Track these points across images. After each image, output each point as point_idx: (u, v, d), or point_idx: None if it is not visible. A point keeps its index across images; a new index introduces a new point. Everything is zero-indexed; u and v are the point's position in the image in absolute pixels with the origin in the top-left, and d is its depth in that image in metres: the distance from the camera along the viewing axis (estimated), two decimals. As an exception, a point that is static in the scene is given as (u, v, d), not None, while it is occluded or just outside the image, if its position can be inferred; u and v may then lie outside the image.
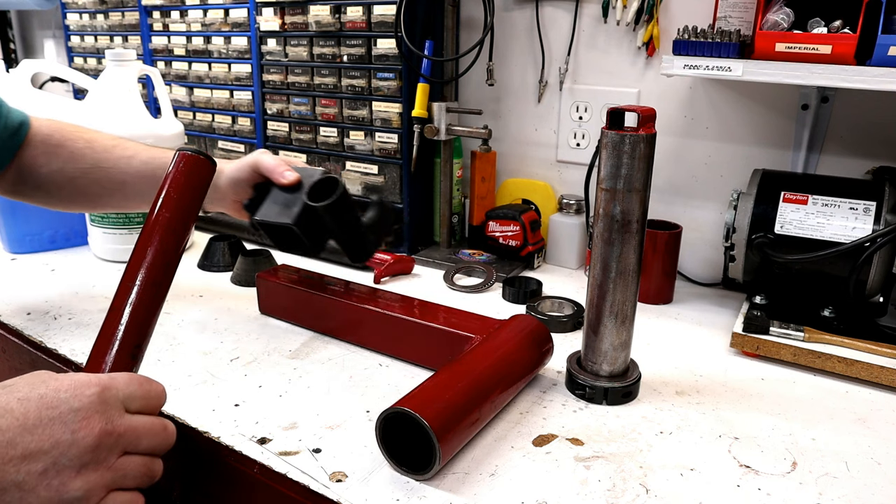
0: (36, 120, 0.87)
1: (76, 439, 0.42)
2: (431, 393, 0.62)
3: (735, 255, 0.91)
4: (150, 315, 0.60)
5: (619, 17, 1.10)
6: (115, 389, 0.46)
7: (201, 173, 0.68)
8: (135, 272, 0.60)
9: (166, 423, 0.50)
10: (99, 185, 0.86)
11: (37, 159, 0.85)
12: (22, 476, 0.40)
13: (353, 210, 0.82)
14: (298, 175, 0.82)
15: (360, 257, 0.87)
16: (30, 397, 0.42)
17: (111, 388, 0.46)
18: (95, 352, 0.56)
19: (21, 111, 0.86)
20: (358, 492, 0.58)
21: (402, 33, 1.08)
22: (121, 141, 0.88)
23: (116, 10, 1.57)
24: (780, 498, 0.58)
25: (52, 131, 0.86)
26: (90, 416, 0.43)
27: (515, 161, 1.29)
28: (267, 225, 0.82)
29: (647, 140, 0.67)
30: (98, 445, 0.43)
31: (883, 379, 0.77)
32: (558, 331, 0.90)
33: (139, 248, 0.62)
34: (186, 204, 0.66)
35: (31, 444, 0.41)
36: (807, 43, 0.80)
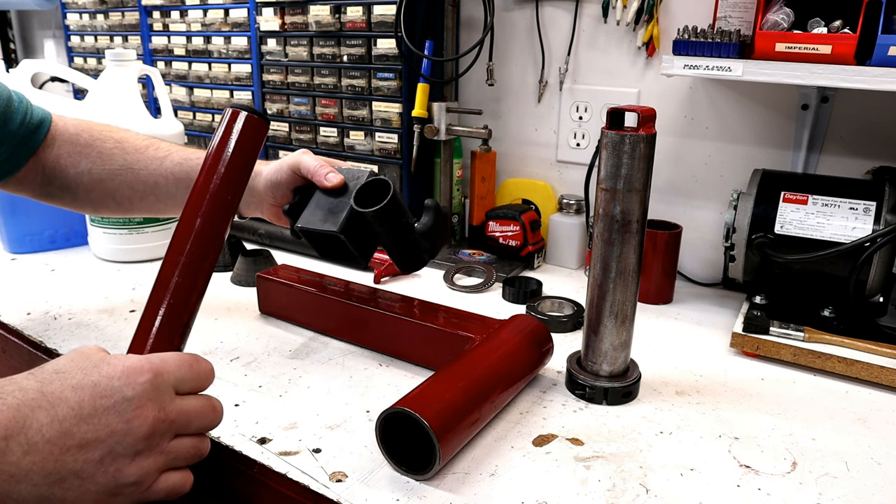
0: (61, 119, 0.84)
1: (131, 428, 0.43)
2: (431, 393, 0.62)
3: (735, 255, 0.91)
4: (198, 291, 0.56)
5: (619, 17, 1.10)
6: (167, 374, 0.46)
7: (254, 133, 0.61)
8: (181, 245, 0.55)
9: (214, 403, 0.50)
10: (129, 187, 0.82)
11: (63, 159, 0.82)
12: (80, 465, 0.41)
13: (405, 215, 0.75)
14: (343, 177, 0.76)
15: (411, 267, 0.80)
16: (83, 385, 0.42)
17: (163, 373, 0.46)
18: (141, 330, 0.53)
19: (44, 109, 0.83)
20: (358, 492, 0.58)
21: (402, 33, 1.08)
22: (153, 141, 0.85)
23: (116, 10, 1.57)
24: (780, 498, 0.58)
25: (79, 131, 0.83)
26: (143, 404, 0.44)
27: (515, 161, 1.29)
28: (310, 233, 0.75)
29: (647, 140, 0.67)
30: (152, 433, 0.44)
31: (883, 379, 0.77)
32: (558, 331, 0.90)
33: (186, 219, 0.56)
34: (237, 168, 0.58)
35: (88, 433, 0.41)
36: (807, 43, 0.80)
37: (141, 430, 0.43)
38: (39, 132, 0.81)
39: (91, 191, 0.83)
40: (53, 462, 0.40)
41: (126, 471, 0.43)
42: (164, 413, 0.45)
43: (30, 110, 0.81)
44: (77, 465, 0.41)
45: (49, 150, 0.82)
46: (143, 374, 0.45)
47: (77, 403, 0.42)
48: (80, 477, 0.41)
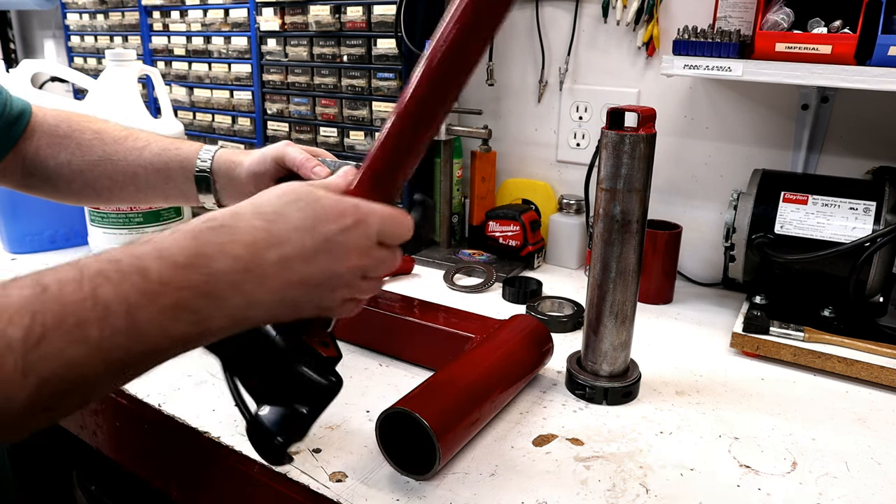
0: (40, 110, 0.84)
1: (339, 272, 0.48)
2: (431, 393, 0.62)
3: (735, 255, 0.91)
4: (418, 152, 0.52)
5: (619, 17, 1.10)
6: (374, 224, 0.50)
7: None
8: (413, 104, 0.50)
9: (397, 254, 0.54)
10: (109, 178, 0.83)
11: (43, 151, 0.82)
12: (296, 297, 0.47)
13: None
14: (330, 171, 0.76)
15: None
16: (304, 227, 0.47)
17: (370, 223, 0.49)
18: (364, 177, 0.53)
19: (24, 100, 0.83)
20: (358, 492, 0.58)
21: (402, 33, 1.08)
22: (132, 132, 0.85)
23: (116, 10, 1.57)
24: (780, 498, 0.58)
25: (58, 122, 0.84)
26: (351, 251, 0.48)
27: (515, 161, 1.29)
28: None
29: (647, 140, 0.67)
30: (352, 276, 0.49)
31: (883, 379, 0.77)
32: (558, 331, 0.90)
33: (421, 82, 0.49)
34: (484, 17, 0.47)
35: (305, 273, 0.46)
36: (807, 43, 0.80)
37: (346, 274, 0.48)
38: (19, 124, 0.82)
39: (72, 182, 0.84)
40: (279, 294, 0.45)
41: (325, 300, 0.49)
42: (365, 259, 0.49)
43: (9, 102, 0.81)
44: (294, 297, 0.46)
45: (29, 142, 0.83)
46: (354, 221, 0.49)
47: (300, 246, 0.46)
48: (294, 305, 0.47)
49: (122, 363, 0.39)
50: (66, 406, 0.39)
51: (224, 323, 0.43)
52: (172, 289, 0.40)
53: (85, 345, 0.37)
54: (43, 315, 0.37)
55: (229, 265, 0.43)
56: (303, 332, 0.52)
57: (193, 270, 0.41)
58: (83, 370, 0.37)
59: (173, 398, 0.72)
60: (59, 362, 0.36)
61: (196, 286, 0.41)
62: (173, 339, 0.41)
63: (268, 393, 0.51)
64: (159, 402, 0.72)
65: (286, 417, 0.51)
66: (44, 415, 0.38)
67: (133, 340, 0.39)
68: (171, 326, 0.40)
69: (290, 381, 0.51)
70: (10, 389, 0.35)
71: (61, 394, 0.37)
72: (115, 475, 1.14)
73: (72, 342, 0.37)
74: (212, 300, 0.42)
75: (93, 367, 0.38)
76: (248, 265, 0.44)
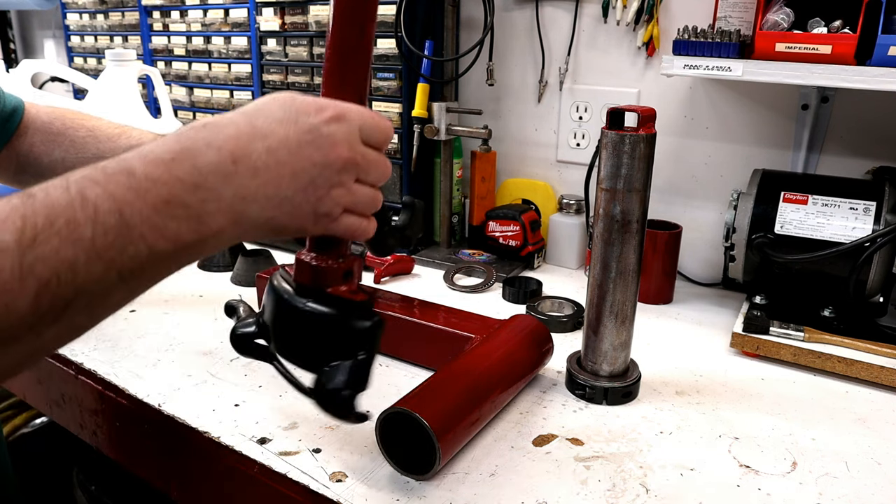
0: (33, 107, 0.85)
1: (328, 162, 0.47)
2: (431, 393, 0.62)
3: (735, 255, 0.91)
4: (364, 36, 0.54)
5: (619, 17, 1.10)
6: (354, 119, 0.50)
7: None
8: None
9: (386, 160, 0.54)
10: None
11: (37, 148, 0.83)
12: (291, 192, 0.45)
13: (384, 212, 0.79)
14: None
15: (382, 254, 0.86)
16: (286, 120, 0.46)
17: (350, 117, 0.49)
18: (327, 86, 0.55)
19: (17, 97, 0.84)
20: (358, 492, 0.58)
21: (402, 33, 1.08)
22: (125, 129, 0.86)
23: (116, 10, 1.57)
24: (780, 498, 0.58)
25: (52, 119, 0.84)
26: (337, 142, 0.48)
27: (515, 161, 1.29)
28: None
29: (647, 140, 0.67)
30: (343, 168, 0.48)
31: (883, 379, 0.77)
32: (558, 331, 0.90)
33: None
34: None
35: (296, 164, 0.46)
36: (807, 43, 0.80)
37: (336, 164, 0.47)
38: (13, 121, 0.82)
39: None
40: (273, 187, 0.45)
41: (324, 200, 0.47)
42: (352, 153, 0.49)
43: (2, 99, 0.82)
44: (290, 193, 0.45)
45: (23, 139, 0.83)
46: (335, 114, 0.48)
47: (284, 137, 0.46)
48: (292, 203, 0.46)
49: (122, 266, 0.38)
50: (73, 319, 0.38)
51: (222, 220, 0.42)
52: (160, 184, 0.39)
53: (79, 245, 0.36)
54: (34, 218, 0.36)
55: (215, 157, 0.42)
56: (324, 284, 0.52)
57: (179, 165, 0.41)
58: (82, 272, 0.37)
59: (173, 398, 0.72)
60: (55, 263, 0.36)
61: (184, 179, 0.41)
62: (170, 240, 0.40)
63: (318, 358, 0.52)
64: (159, 402, 0.72)
65: (345, 371, 0.51)
66: (52, 329, 0.37)
67: (127, 240, 0.38)
68: (165, 224, 0.39)
69: (333, 336, 0.51)
70: (10, 296, 0.34)
71: (64, 302, 0.37)
72: (115, 475, 1.14)
73: (65, 242, 0.36)
74: (203, 193, 0.41)
75: (91, 269, 0.37)
76: (234, 156, 0.43)
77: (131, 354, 0.82)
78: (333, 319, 0.51)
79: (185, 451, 0.69)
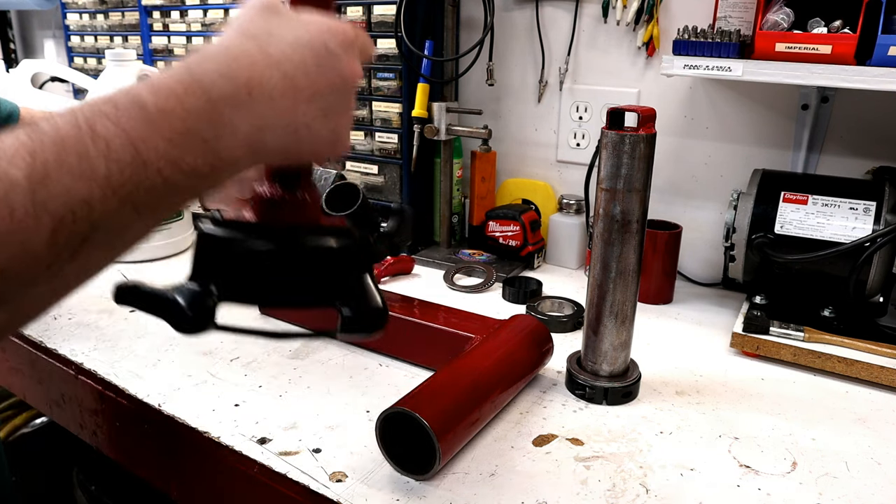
0: (28, 111, 0.85)
1: (345, 86, 0.46)
2: (431, 393, 0.62)
3: (735, 255, 0.91)
4: None
5: (619, 17, 1.10)
6: (359, 37, 0.48)
7: None
8: None
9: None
10: None
11: None
12: (309, 118, 0.44)
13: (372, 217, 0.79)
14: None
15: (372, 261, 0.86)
16: (299, 42, 0.45)
17: (357, 37, 0.48)
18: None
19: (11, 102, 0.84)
20: (358, 492, 0.58)
21: (402, 33, 1.08)
22: None
23: (116, 10, 1.57)
24: (780, 498, 0.58)
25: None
26: (350, 60, 0.46)
27: (515, 161, 1.29)
28: None
29: (647, 140, 0.67)
30: (353, 91, 0.47)
31: (883, 379, 0.77)
32: (558, 331, 0.90)
33: None
34: None
35: (312, 87, 0.44)
36: (807, 43, 0.80)
37: (350, 87, 0.47)
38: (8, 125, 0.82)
39: None
40: (290, 114, 0.43)
41: (342, 126, 0.46)
42: (359, 71, 0.48)
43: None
44: (307, 119, 0.44)
45: None
46: (346, 36, 0.47)
47: (300, 61, 0.44)
48: (309, 128, 0.44)
49: (139, 200, 0.37)
50: (91, 256, 0.37)
51: (238, 151, 0.41)
52: (174, 117, 0.38)
53: (94, 182, 0.35)
54: (43, 154, 0.35)
55: (229, 88, 0.41)
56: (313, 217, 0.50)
57: (192, 97, 0.39)
58: (97, 208, 0.35)
59: (173, 398, 0.72)
60: (69, 200, 0.35)
61: (198, 113, 0.39)
62: (186, 172, 0.39)
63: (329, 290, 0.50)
64: (159, 402, 0.72)
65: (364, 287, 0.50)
66: (71, 266, 0.36)
67: (143, 175, 0.37)
68: (181, 157, 0.38)
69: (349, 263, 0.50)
70: (26, 234, 0.33)
71: (81, 238, 0.36)
72: (115, 475, 1.14)
73: (78, 179, 0.35)
74: (218, 125, 0.40)
75: (107, 204, 0.36)
76: (249, 85, 0.42)
77: (131, 354, 0.82)
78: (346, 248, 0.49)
79: (185, 451, 0.70)
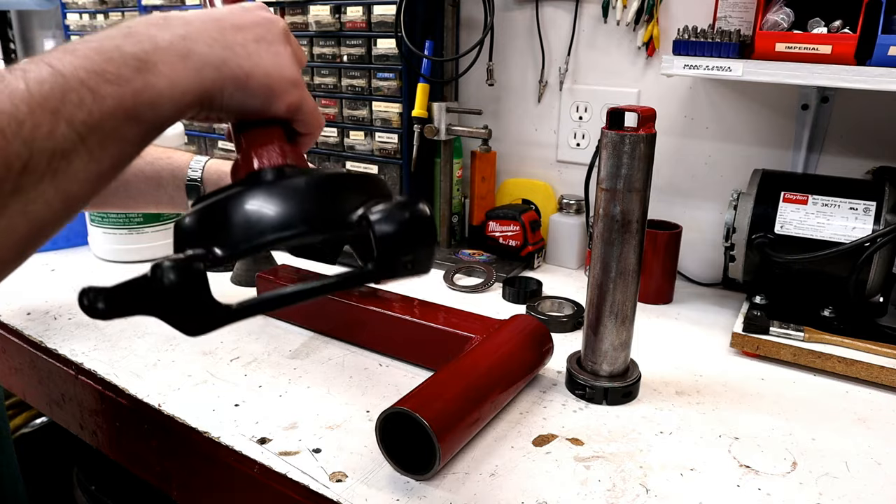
0: None
1: (271, 19, 0.46)
2: (431, 393, 0.62)
3: (735, 255, 0.91)
4: None
5: (619, 17, 1.10)
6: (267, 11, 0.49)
7: None
8: None
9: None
10: None
11: None
12: (241, 40, 0.43)
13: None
14: None
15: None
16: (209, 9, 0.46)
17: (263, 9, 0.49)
18: None
19: None
20: (358, 492, 0.58)
21: (402, 33, 1.08)
22: None
23: (116, 10, 1.57)
24: (780, 498, 0.58)
25: None
26: (269, 10, 0.47)
27: (515, 161, 1.29)
28: None
29: (647, 140, 0.67)
30: (286, 31, 0.47)
31: (883, 379, 0.77)
32: (558, 331, 0.90)
33: None
34: None
35: (236, 19, 0.44)
36: (807, 43, 0.80)
37: (278, 23, 0.46)
38: None
39: None
40: (216, 32, 0.42)
41: (283, 55, 0.45)
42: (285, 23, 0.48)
43: None
44: (238, 39, 0.43)
45: None
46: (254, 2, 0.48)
47: (212, 10, 0.45)
48: (245, 48, 0.43)
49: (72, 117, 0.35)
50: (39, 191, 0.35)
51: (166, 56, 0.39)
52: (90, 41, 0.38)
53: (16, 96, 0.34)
54: None
55: (143, 20, 0.41)
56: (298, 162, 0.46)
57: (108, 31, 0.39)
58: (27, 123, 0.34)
59: (173, 398, 0.72)
60: None
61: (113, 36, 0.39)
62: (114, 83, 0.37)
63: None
64: (159, 402, 0.72)
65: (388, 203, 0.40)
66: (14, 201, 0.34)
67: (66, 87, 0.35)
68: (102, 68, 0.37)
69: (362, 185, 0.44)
70: None
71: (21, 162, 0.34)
72: (115, 475, 1.14)
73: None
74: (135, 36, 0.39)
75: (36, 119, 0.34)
76: (164, 16, 0.42)
77: (131, 354, 0.82)
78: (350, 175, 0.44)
79: (185, 451, 0.70)
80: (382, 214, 0.39)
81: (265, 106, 0.45)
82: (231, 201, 0.40)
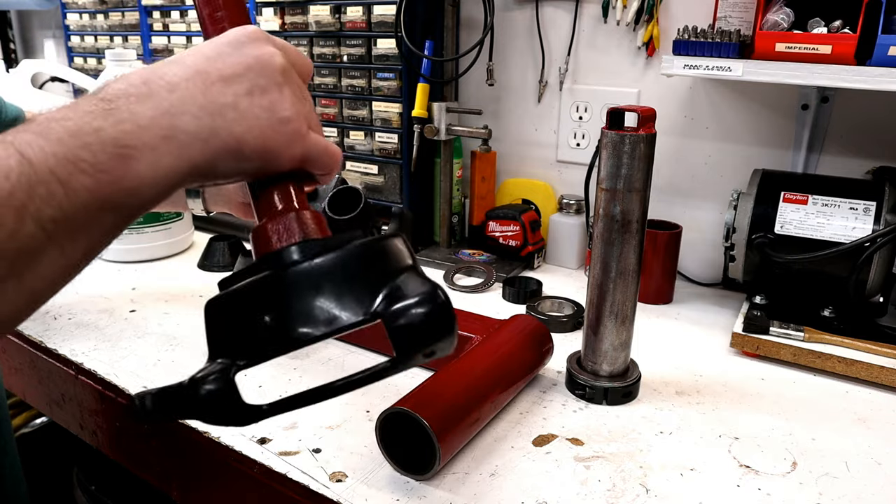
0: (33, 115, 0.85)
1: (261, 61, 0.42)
2: (431, 393, 0.62)
3: (735, 255, 0.91)
4: None
5: (619, 17, 1.10)
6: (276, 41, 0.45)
7: None
8: None
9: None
10: None
11: None
12: (230, 98, 0.40)
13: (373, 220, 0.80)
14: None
15: None
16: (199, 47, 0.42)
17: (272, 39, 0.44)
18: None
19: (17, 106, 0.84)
20: (358, 492, 0.58)
21: (402, 33, 1.08)
22: None
23: (116, 10, 1.57)
24: (780, 498, 0.58)
25: None
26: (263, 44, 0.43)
27: (515, 161, 1.29)
28: None
29: (647, 140, 0.67)
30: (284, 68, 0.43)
31: (883, 379, 0.77)
32: (558, 331, 0.90)
33: None
34: None
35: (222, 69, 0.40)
36: (807, 43, 0.80)
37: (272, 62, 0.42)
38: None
39: None
40: (202, 95, 0.39)
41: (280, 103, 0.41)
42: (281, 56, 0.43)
43: (3, 109, 0.82)
44: (227, 98, 0.40)
45: None
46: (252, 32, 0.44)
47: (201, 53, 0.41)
48: (236, 109, 0.40)
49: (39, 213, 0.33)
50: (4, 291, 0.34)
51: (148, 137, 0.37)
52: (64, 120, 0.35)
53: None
54: None
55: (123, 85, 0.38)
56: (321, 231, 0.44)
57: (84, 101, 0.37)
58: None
59: (173, 398, 0.72)
60: None
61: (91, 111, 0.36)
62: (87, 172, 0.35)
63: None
64: (159, 402, 0.71)
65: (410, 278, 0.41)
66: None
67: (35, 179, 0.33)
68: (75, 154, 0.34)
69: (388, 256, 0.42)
70: None
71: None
72: (115, 475, 1.14)
73: None
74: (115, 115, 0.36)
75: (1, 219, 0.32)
76: (144, 78, 0.38)
77: (131, 354, 0.82)
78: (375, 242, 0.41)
79: (185, 451, 0.70)
80: (399, 312, 0.38)
81: (266, 167, 0.43)
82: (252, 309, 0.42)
